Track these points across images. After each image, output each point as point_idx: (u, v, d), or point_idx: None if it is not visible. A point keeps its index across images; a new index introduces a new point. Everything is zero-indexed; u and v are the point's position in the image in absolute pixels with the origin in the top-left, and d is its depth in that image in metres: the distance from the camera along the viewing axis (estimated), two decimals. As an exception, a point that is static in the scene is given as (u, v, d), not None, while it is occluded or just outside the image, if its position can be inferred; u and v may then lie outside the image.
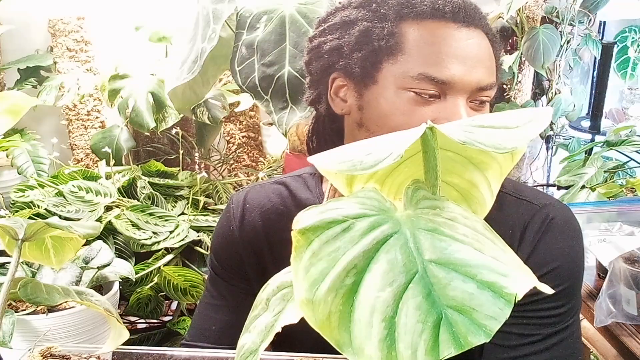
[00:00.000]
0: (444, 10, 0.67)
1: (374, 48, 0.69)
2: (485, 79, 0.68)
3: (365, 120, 0.72)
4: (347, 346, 0.29)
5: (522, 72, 2.04)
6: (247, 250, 0.84)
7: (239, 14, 1.41)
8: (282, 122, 1.34)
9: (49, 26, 2.02)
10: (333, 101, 0.75)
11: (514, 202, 0.76)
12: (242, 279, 0.85)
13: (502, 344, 0.73)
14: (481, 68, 0.68)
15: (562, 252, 0.73)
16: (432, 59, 0.66)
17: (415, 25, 0.68)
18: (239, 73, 1.37)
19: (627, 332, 1.05)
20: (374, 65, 0.69)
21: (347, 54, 0.71)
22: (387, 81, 0.68)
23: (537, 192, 0.80)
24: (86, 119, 2.08)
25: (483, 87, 0.68)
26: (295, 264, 0.32)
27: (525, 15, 1.96)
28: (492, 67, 0.70)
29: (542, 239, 0.73)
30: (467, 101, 0.68)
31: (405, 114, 0.67)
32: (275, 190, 0.86)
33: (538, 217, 0.74)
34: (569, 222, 0.76)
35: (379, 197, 0.36)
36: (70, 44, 2.03)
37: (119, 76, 1.91)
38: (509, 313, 0.28)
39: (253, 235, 0.84)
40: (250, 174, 2.14)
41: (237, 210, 0.86)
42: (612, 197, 1.35)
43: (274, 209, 0.84)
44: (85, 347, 0.73)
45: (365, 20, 0.70)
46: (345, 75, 0.72)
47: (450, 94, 0.67)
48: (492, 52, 0.71)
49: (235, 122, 2.25)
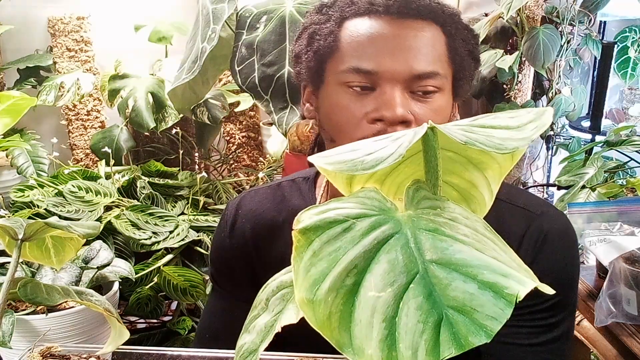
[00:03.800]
0: (379, 5, 0.69)
1: (317, 48, 0.72)
2: (419, 67, 0.67)
3: (322, 123, 0.75)
4: (347, 346, 0.29)
5: (522, 72, 2.04)
6: (236, 256, 0.85)
7: (239, 14, 1.41)
8: (282, 122, 1.34)
9: (49, 26, 2.02)
10: (304, 107, 0.78)
11: (509, 210, 0.75)
12: (235, 286, 0.86)
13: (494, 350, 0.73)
14: (414, 57, 0.68)
15: (557, 266, 0.73)
16: (360, 51, 0.68)
17: (352, 23, 0.70)
18: (239, 73, 1.37)
19: (628, 332, 1.05)
20: (320, 66, 0.72)
21: (302, 60, 0.74)
22: (330, 79, 0.71)
23: (532, 199, 0.79)
24: (86, 119, 2.08)
25: (418, 75, 0.67)
26: (295, 263, 0.32)
27: (525, 15, 1.96)
28: (431, 55, 0.69)
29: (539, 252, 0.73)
30: (406, 91, 0.68)
31: (344, 108, 0.69)
32: (268, 195, 0.86)
33: (534, 227, 0.74)
34: (565, 233, 0.75)
35: (379, 197, 0.36)
36: (70, 44, 2.03)
37: (119, 76, 1.91)
38: (510, 314, 0.28)
39: (242, 241, 0.84)
40: (250, 174, 2.14)
41: (230, 216, 0.86)
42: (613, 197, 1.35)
43: (264, 215, 0.84)
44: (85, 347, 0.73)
45: (314, 23, 0.74)
46: (306, 80, 0.76)
47: (383, 84, 0.68)
48: (439, 42, 0.70)
49: (235, 122, 2.25)
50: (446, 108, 0.71)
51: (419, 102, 0.68)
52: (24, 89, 1.93)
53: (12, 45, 2.01)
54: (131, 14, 2.07)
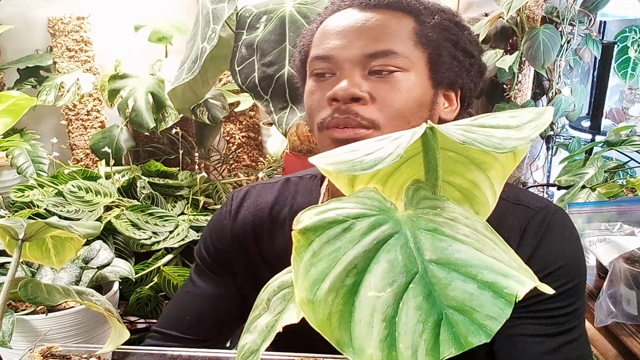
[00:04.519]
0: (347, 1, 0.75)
1: (300, 49, 0.79)
2: (371, 47, 0.70)
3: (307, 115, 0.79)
4: (347, 346, 0.29)
5: (522, 72, 2.04)
6: (236, 246, 0.85)
7: (239, 14, 1.41)
8: (282, 122, 1.34)
9: (49, 26, 2.02)
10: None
11: (511, 207, 0.76)
12: (229, 273, 0.87)
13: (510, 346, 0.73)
14: (366, 37, 0.70)
15: (563, 252, 0.73)
16: (321, 41, 0.73)
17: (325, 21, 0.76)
18: (239, 73, 1.37)
19: (628, 332, 1.05)
20: (303, 65, 0.78)
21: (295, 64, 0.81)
22: (308, 74, 0.76)
23: (533, 196, 0.80)
24: (86, 119, 2.08)
25: (371, 54, 0.69)
26: (295, 264, 0.32)
27: (526, 15, 1.96)
28: (385, 36, 0.70)
29: (542, 241, 0.73)
30: (365, 72, 0.70)
31: (312, 94, 0.74)
32: (276, 190, 0.87)
33: (536, 220, 0.74)
34: (566, 224, 0.76)
35: (379, 197, 0.36)
36: (70, 44, 2.03)
37: (118, 76, 1.91)
38: (510, 313, 0.28)
39: (243, 232, 0.85)
40: (250, 174, 2.14)
41: (235, 205, 0.87)
42: (613, 197, 1.35)
43: (268, 209, 0.85)
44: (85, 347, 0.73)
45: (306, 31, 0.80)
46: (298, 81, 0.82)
47: (341, 68, 0.71)
48: (403, 26, 0.71)
49: (235, 122, 2.25)
50: (414, 90, 0.71)
51: (378, 82, 0.70)
52: (24, 89, 1.93)
53: (12, 45, 2.01)
54: (131, 14, 2.07)
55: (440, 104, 0.75)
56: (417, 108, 0.71)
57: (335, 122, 0.70)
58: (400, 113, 0.70)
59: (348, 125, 0.69)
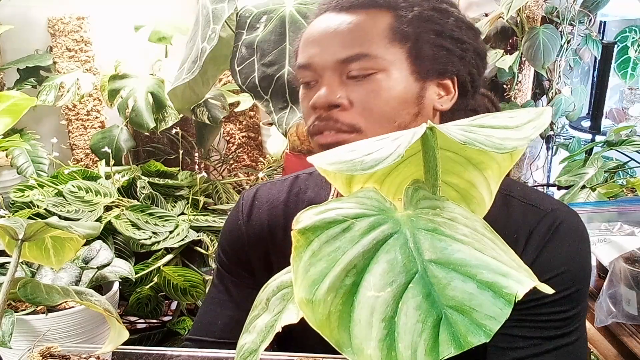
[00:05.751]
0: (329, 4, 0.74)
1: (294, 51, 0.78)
2: (341, 52, 0.70)
3: None
4: (346, 346, 0.29)
5: (522, 72, 2.04)
6: (253, 245, 0.85)
7: (239, 14, 1.41)
8: (282, 122, 1.34)
9: (49, 26, 2.02)
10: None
11: (521, 207, 0.75)
12: (249, 273, 0.86)
13: (507, 347, 0.73)
14: (336, 43, 0.70)
15: (568, 257, 0.72)
16: (302, 49, 0.74)
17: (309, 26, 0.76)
18: (239, 73, 1.37)
19: (628, 332, 1.05)
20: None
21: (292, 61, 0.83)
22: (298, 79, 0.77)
23: (545, 197, 0.79)
24: (86, 119, 2.08)
25: (343, 60, 0.69)
26: (295, 264, 0.32)
27: (525, 15, 1.96)
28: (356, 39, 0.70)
29: (548, 244, 0.72)
30: (343, 78, 0.70)
31: (302, 102, 0.75)
32: (286, 187, 0.87)
33: (545, 222, 0.73)
34: (576, 227, 0.75)
35: (378, 197, 0.36)
36: (70, 44, 2.03)
37: (118, 76, 1.91)
38: (509, 313, 0.28)
39: (259, 230, 0.85)
40: (250, 174, 2.14)
41: (246, 205, 0.87)
42: (613, 197, 1.35)
43: (282, 205, 0.85)
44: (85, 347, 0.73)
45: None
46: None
47: (321, 75, 0.71)
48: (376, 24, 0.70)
49: (235, 122, 2.25)
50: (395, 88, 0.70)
51: (355, 86, 0.70)
52: (24, 89, 1.93)
53: (12, 45, 2.01)
54: (131, 14, 2.07)
55: (431, 94, 0.73)
56: (401, 105, 0.70)
57: (317, 129, 0.72)
58: (382, 114, 0.69)
59: (329, 130, 0.70)
